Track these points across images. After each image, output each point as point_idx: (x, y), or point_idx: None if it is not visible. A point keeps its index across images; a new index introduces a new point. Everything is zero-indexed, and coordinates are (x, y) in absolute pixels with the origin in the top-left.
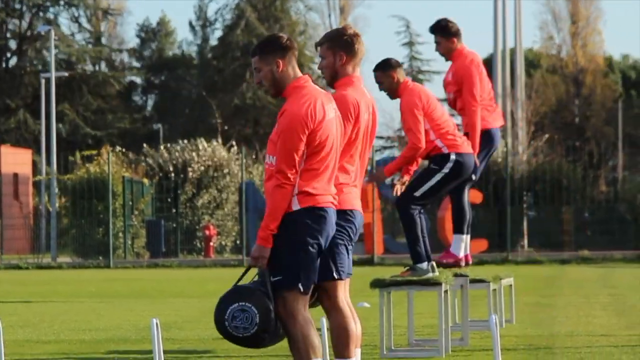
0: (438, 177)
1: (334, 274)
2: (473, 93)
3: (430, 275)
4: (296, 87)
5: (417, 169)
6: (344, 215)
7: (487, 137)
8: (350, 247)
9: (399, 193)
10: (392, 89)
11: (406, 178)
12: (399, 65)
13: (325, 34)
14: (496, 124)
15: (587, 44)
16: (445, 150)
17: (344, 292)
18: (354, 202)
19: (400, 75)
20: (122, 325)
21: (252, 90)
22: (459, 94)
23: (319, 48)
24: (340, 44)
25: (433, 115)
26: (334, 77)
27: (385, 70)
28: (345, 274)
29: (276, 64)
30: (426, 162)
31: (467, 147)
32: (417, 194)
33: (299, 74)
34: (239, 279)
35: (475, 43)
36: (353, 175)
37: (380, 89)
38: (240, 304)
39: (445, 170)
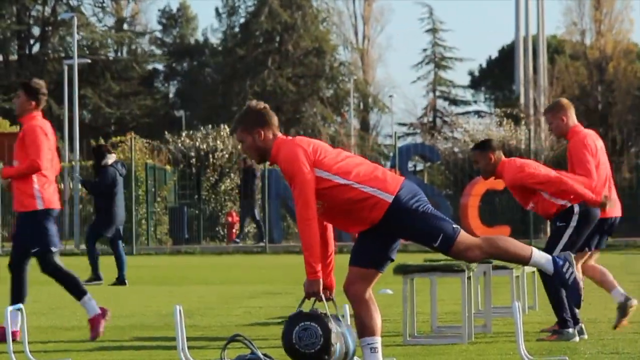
0: (569, 232)
1: (454, 227)
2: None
3: (576, 339)
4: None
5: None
6: (403, 192)
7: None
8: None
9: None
10: (487, 169)
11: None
12: (498, 147)
13: (234, 119)
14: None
15: (612, 30)
16: (567, 205)
17: (371, 281)
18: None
19: (498, 156)
20: (145, 312)
21: (273, 77)
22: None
23: (234, 135)
24: (252, 122)
25: (539, 178)
26: (262, 154)
27: (483, 150)
28: (456, 225)
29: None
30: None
31: (590, 195)
32: (555, 254)
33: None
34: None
35: (498, 29)
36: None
37: (475, 167)
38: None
39: (573, 223)
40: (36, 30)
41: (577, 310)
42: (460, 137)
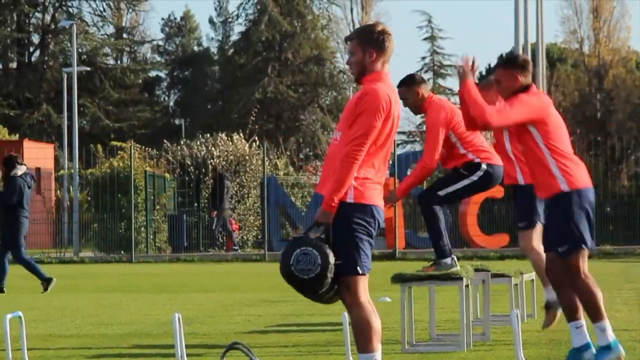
0: (465, 182)
1: (358, 268)
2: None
3: (454, 269)
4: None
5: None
6: (368, 210)
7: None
8: (372, 243)
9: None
10: (416, 105)
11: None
12: (423, 81)
13: (355, 29)
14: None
15: (610, 38)
16: (476, 160)
17: (365, 286)
18: (376, 198)
19: (425, 90)
20: (144, 319)
21: (273, 85)
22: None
23: (348, 43)
24: (371, 41)
25: (460, 128)
26: (362, 73)
27: (410, 86)
28: (367, 269)
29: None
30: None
31: (498, 160)
32: (441, 193)
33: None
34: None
35: (496, 38)
36: (379, 172)
37: (405, 105)
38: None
39: (474, 177)
40: (36, 38)
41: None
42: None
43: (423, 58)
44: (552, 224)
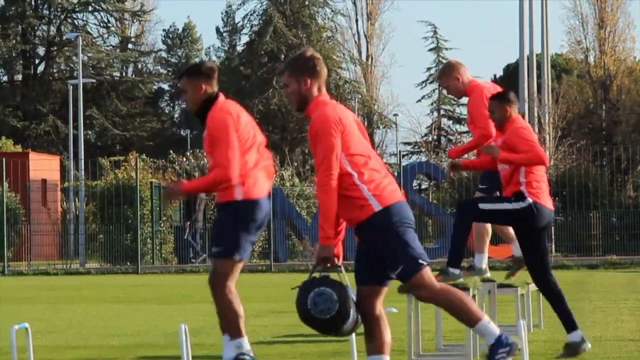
0: (506, 205)
1: (420, 262)
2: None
3: (461, 280)
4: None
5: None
6: (396, 206)
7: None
8: (415, 235)
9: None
10: (501, 122)
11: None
12: (516, 102)
13: (284, 61)
14: None
15: (615, 48)
16: (525, 194)
17: (431, 274)
18: (397, 193)
19: (514, 112)
20: (150, 330)
21: (278, 96)
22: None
23: (281, 77)
24: (303, 69)
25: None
26: (302, 103)
27: (501, 101)
28: (427, 258)
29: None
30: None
31: (548, 203)
32: (482, 207)
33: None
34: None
35: (502, 48)
36: (380, 170)
37: (490, 117)
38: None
39: (516, 206)
40: (41, 50)
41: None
42: (465, 156)
43: (428, 69)
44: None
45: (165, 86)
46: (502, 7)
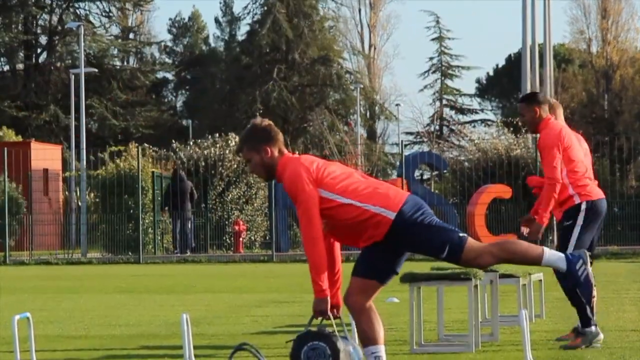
0: (576, 230)
1: (460, 237)
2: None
3: (600, 337)
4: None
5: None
6: (407, 204)
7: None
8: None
9: (525, 233)
10: (533, 123)
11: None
12: (545, 101)
13: (239, 140)
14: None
15: (618, 38)
16: (577, 200)
17: (475, 242)
18: (401, 194)
19: (544, 111)
20: (152, 320)
21: (279, 86)
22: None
23: (240, 154)
24: (259, 140)
25: (570, 155)
26: (269, 171)
27: (529, 103)
28: (464, 233)
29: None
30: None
31: (597, 193)
32: (568, 251)
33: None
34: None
35: (504, 38)
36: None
37: (521, 121)
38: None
39: (580, 221)
40: (43, 40)
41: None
42: (467, 146)
43: (431, 58)
44: None
45: (169, 75)
46: None
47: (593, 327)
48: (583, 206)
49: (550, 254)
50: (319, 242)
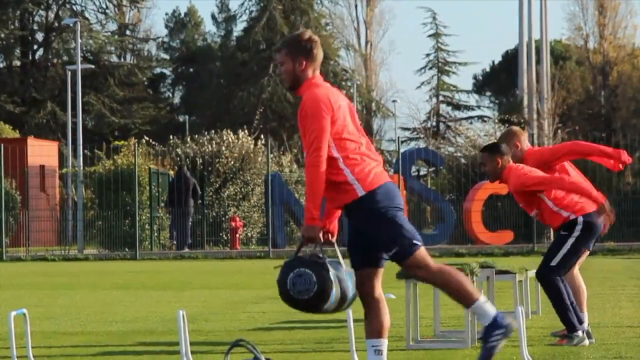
0: (571, 241)
1: (414, 242)
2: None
3: (586, 342)
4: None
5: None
6: (383, 190)
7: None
8: (404, 217)
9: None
10: (494, 173)
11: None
12: (507, 152)
13: (282, 39)
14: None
15: (616, 35)
16: (572, 217)
17: (427, 255)
18: (382, 177)
19: (506, 161)
20: (148, 316)
21: (275, 83)
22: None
23: (276, 55)
24: (299, 50)
25: (549, 191)
26: (294, 83)
27: (492, 154)
28: (420, 240)
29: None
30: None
31: (591, 206)
32: (554, 263)
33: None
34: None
35: (502, 34)
36: (367, 155)
37: (482, 170)
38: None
39: (576, 233)
40: (39, 36)
41: (583, 314)
42: (464, 142)
43: (427, 55)
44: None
45: (167, 71)
46: None
47: (580, 332)
48: (580, 219)
49: (484, 306)
50: (321, 171)
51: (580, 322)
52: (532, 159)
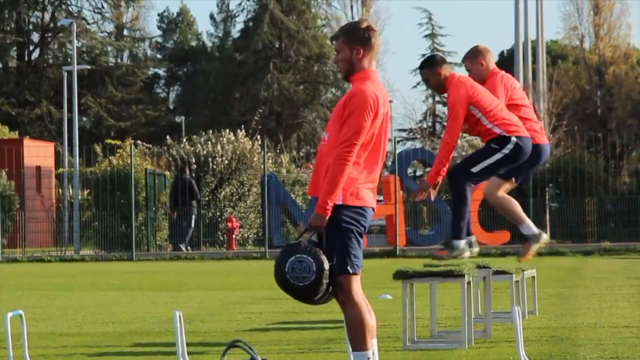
0: (498, 156)
1: (349, 268)
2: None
3: (466, 254)
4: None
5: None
6: (358, 211)
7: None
8: (361, 242)
9: (432, 198)
10: (440, 85)
11: (439, 180)
12: (444, 61)
13: (341, 27)
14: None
15: (611, 34)
16: (505, 135)
17: (358, 285)
18: (367, 199)
19: (446, 70)
20: (145, 317)
21: (273, 83)
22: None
23: (334, 42)
24: (357, 38)
25: (482, 103)
26: (349, 71)
27: (431, 67)
28: (358, 268)
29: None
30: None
31: (526, 132)
32: (475, 170)
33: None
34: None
35: (497, 35)
36: (371, 173)
37: (428, 87)
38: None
39: (506, 151)
40: (35, 37)
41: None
42: (460, 143)
43: (423, 55)
44: None
45: (161, 71)
46: None
47: (462, 243)
48: (513, 139)
49: (367, 354)
50: (348, 167)
51: (469, 232)
52: (491, 80)
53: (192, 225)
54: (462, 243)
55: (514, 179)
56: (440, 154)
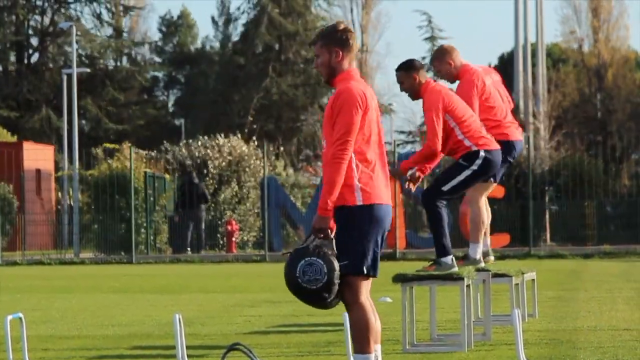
0: (467, 173)
1: (364, 269)
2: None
3: (455, 269)
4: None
5: (437, 166)
6: (375, 210)
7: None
8: (379, 244)
9: (412, 189)
10: (413, 90)
11: (418, 174)
12: (421, 66)
13: (317, 31)
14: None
15: (610, 37)
16: (473, 148)
17: (368, 287)
18: (383, 196)
19: (422, 76)
20: (144, 320)
21: (275, 86)
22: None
23: (313, 47)
24: (335, 40)
25: (457, 113)
26: (331, 74)
27: (407, 71)
28: (373, 271)
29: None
30: (449, 158)
31: (495, 144)
32: (445, 188)
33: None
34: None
35: (497, 37)
36: (377, 165)
37: (402, 89)
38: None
39: (474, 167)
40: (35, 40)
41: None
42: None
43: (423, 58)
44: None
45: (160, 75)
46: None
47: (449, 259)
48: (481, 154)
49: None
50: (344, 166)
51: (450, 251)
52: (465, 78)
53: (203, 227)
54: (450, 259)
55: (492, 180)
56: (420, 153)
